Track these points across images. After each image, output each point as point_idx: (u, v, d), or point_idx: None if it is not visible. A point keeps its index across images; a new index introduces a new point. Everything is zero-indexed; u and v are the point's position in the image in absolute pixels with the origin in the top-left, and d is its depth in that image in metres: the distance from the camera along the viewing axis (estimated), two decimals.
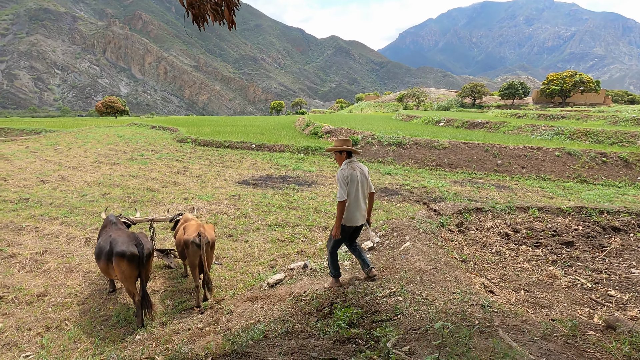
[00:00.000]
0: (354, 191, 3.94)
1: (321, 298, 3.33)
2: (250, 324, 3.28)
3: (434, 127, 28.99)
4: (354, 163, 4.08)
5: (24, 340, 4.44)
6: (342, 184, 3.93)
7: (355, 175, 3.96)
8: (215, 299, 5.31)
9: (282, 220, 9.23)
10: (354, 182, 3.94)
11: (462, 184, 14.31)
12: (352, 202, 3.95)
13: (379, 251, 4.57)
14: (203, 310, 4.87)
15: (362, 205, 4.02)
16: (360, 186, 3.99)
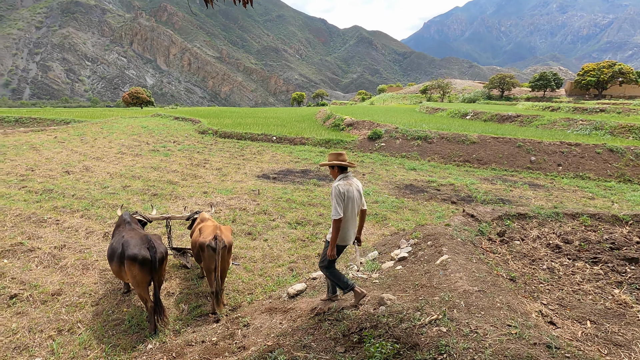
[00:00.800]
0: (350, 208, 3.72)
1: (348, 320, 2.92)
2: (267, 347, 2.92)
3: (460, 120, 27.82)
4: (349, 178, 3.84)
5: (35, 343, 4.28)
6: (338, 201, 3.67)
7: (351, 192, 3.73)
8: (232, 305, 5.01)
9: (303, 217, 8.86)
10: (350, 199, 3.71)
11: (492, 181, 13.52)
12: (348, 220, 3.74)
13: (411, 263, 4.10)
14: (219, 318, 4.58)
15: (355, 222, 3.83)
16: (355, 203, 3.78)
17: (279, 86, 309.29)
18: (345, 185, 3.72)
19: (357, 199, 3.79)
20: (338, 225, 3.65)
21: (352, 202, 3.73)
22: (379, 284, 3.76)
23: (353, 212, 3.76)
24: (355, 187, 3.79)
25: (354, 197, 3.73)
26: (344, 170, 3.87)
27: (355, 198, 3.75)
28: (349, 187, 3.72)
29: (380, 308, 3.01)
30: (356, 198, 3.78)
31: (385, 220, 8.91)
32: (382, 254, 4.80)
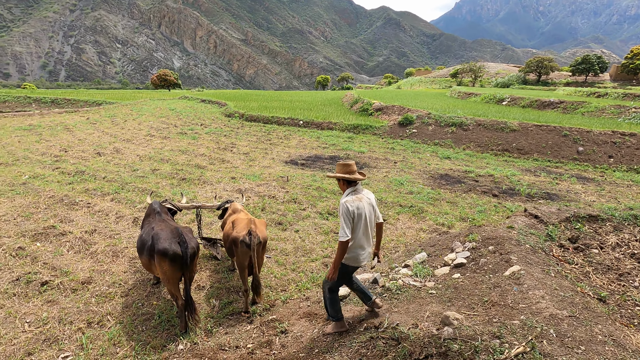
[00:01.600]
0: (361, 227, 3.29)
1: (408, 342, 2.49)
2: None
3: (495, 106, 26.28)
4: (359, 192, 3.40)
5: (65, 336, 4.13)
6: (346, 221, 3.24)
7: (361, 208, 3.29)
8: (265, 302, 4.69)
9: (334, 208, 8.44)
10: (361, 217, 3.26)
11: (535, 172, 12.57)
12: (358, 240, 3.30)
13: (472, 271, 3.60)
14: (252, 319, 4.27)
15: (369, 240, 3.37)
16: (368, 219, 3.33)
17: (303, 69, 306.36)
18: (354, 202, 3.29)
19: (369, 214, 3.36)
20: (344, 247, 3.25)
21: (364, 220, 3.29)
22: (436, 295, 3.30)
23: (366, 230, 3.33)
24: (366, 201, 3.37)
25: (365, 214, 3.30)
26: (352, 183, 3.43)
27: (367, 214, 3.32)
28: (359, 203, 3.29)
29: (446, 329, 2.56)
30: (368, 213, 3.35)
31: (422, 213, 8.36)
32: (432, 256, 4.32)
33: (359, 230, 3.28)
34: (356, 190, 3.40)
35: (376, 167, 12.59)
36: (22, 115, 21.39)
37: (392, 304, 3.26)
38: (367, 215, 3.33)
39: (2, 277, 5.22)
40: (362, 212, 3.27)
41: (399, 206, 8.75)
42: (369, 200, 3.40)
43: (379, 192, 9.80)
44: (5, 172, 10.57)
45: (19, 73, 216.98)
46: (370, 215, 3.37)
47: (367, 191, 3.52)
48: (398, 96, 32.36)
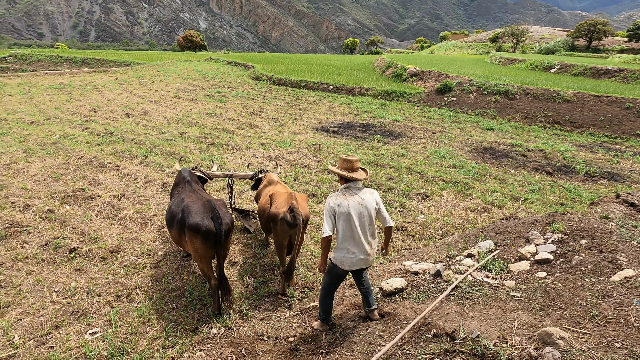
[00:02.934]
0: (345, 227, 3.02)
1: None
2: None
3: (543, 73, 24.05)
4: (351, 190, 3.10)
5: (93, 309, 3.89)
6: (325, 216, 3.06)
7: (345, 206, 3.00)
8: (302, 284, 4.28)
9: (371, 181, 7.83)
10: (343, 216, 3.00)
11: (591, 149, 11.35)
12: (343, 241, 3.05)
13: (563, 271, 2.96)
14: (290, 304, 3.87)
15: (360, 246, 3.04)
16: (357, 221, 3.00)
17: (330, 32, 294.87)
18: (338, 198, 3.05)
19: (359, 216, 3.01)
20: (325, 244, 3.09)
21: (350, 222, 2.99)
22: (521, 299, 2.71)
23: (353, 232, 3.00)
24: (357, 201, 3.03)
25: (352, 215, 2.98)
26: (348, 181, 3.13)
27: (356, 215, 2.99)
28: (342, 201, 3.02)
29: (549, 351, 2.00)
30: (357, 215, 3.00)
31: (467, 189, 7.63)
32: (500, 245, 3.71)
33: (344, 231, 3.02)
34: (348, 188, 3.11)
35: (413, 137, 11.73)
36: (53, 74, 21.46)
37: (464, 305, 2.71)
38: (356, 216, 3.00)
39: (31, 240, 5.05)
40: (346, 210, 2.99)
41: (441, 181, 8.04)
42: (361, 201, 3.05)
43: (419, 164, 9.07)
44: (37, 130, 10.51)
45: (52, 33, 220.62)
46: (361, 218, 3.02)
47: (368, 192, 3.16)
48: (433, 61, 30.29)
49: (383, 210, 3.15)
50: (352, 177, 3.08)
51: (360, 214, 3.01)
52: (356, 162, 3.13)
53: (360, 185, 3.15)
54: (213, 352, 3.09)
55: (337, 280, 3.21)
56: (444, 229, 5.82)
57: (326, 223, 3.03)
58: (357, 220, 3.00)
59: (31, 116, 12.05)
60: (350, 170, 3.12)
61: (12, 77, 19.54)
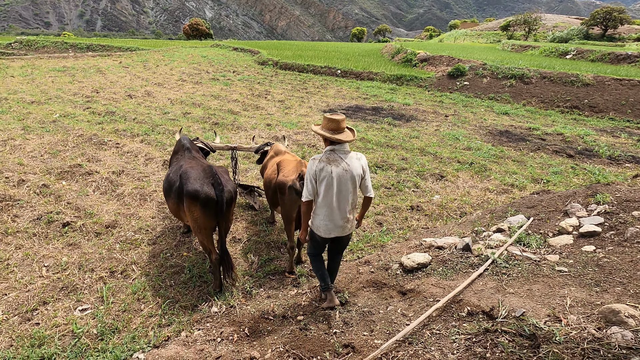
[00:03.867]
0: (326, 192, 2.80)
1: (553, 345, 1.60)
2: None
3: (558, 60, 23.21)
4: (336, 153, 2.81)
5: (84, 285, 3.58)
6: (306, 180, 2.87)
7: (328, 172, 2.76)
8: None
9: (383, 161, 7.43)
10: (323, 181, 2.78)
11: (613, 133, 10.79)
12: (322, 207, 2.86)
13: (616, 244, 2.58)
14: (299, 282, 3.53)
15: (342, 212, 2.85)
16: (338, 188, 2.79)
17: (337, 21, 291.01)
18: (320, 163, 2.79)
19: (342, 182, 2.78)
20: (306, 209, 2.91)
21: (328, 185, 2.77)
22: (570, 274, 2.33)
23: (334, 199, 2.79)
24: (342, 167, 2.76)
25: (333, 179, 2.76)
26: (333, 143, 2.81)
27: (338, 180, 2.76)
28: (325, 166, 2.77)
29: (615, 331, 1.64)
30: (341, 180, 2.77)
31: (485, 171, 7.20)
32: (535, 220, 3.32)
33: (323, 197, 2.80)
34: (333, 151, 2.82)
35: (424, 120, 11.26)
36: (57, 58, 21.18)
37: (501, 281, 2.34)
38: (338, 183, 2.77)
39: (23, 215, 4.76)
40: (328, 176, 2.75)
41: (457, 162, 7.61)
42: (346, 167, 2.77)
43: (432, 145, 8.63)
44: (37, 110, 10.22)
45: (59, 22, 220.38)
46: (344, 184, 2.78)
47: (355, 156, 2.86)
48: (443, 48, 29.47)
49: (367, 179, 2.90)
50: (337, 139, 2.75)
51: (343, 181, 2.77)
52: (342, 121, 2.79)
53: (347, 149, 2.85)
54: (213, 332, 2.76)
55: (318, 246, 3.01)
56: (462, 209, 5.42)
57: (306, 188, 2.85)
58: (339, 187, 2.78)
59: (32, 96, 11.76)
60: (336, 131, 2.78)
61: (15, 60, 19.28)
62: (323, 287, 2.99)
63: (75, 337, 2.95)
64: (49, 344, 2.87)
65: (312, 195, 2.85)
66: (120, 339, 2.93)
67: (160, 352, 2.60)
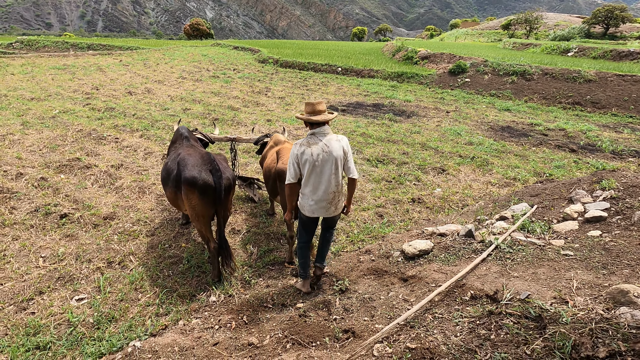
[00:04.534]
0: (309, 174, 2.93)
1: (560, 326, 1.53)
2: (407, 350, 1.64)
3: (560, 57, 23.12)
4: (316, 136, 2.93)
5: (82, 275, 3.53)
6: (289, 164, 3.00)
7: (308, 154, 2.89)
8: (312, 253, 3.87)
9: (384, 155, 7.38)
10: (306, 163, 2.90)
11: (615, 129, 10.72)
12: (305, 186, 3.00)
13: (623, 229, 2.51)
14: (298, 272, 3.47)
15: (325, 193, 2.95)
16: (319, 169, 2.91)
17: (337, 21, 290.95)
18: (302, 146, 2.92)
19: (323, 164, 2.90)
20: (289, 191, 3.03)
21: (311, 167, 2.89)
22: (576, 258, 2.27)
23: (315, 179, 2.92)
24: (321, 148, 2.87)
25: (315, 160, 2.88)
26: (313, 125, 2.94)
27: (319, 163, 2.88)
28: (306, 149, 2.89)
29: (624, 311, 1.58)
30: (322, 162, 2.89)
31: (487, 165, 7.14)
32: (539, 208, 3.26)
33: (306, 178, 2.95)
34: (314, 135, 2.93)
35: (426, 116, 11.20)
36: (57, 56, 21.18)
37: (505, 265, 2.28)
38: (320, 164, 2.89)
39: (20, 207, 4.71)
40: (309, 158, 2.88)
41: (458, 157, 7.56)
42: (325, 148, 2.88)
43: (433, 140, 8.57)
44: (37, 106, 10.19)
45: (60, 23, 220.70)
46: (324, 166, 2.90)
47: (335, 138, 2.96)
48: (444, 46, 29.39)
49: (350, 160, 2.98)
50: (315, 119, 2.86)
51: (324, 162, 2.88)
52: (319, 104, 2.91)
53: (327, 131, 2.95)
54: (211, 320, 2.72)
55: (304, 226, 3.13)
56: (464, 202, 5.37)
57: (289, 171, 2.97)
58: (321, 168, 2.89)
59: (32, 93, 11.74)
60: (313, 113, 2.90)
61: (15, 58, 19.29)
62: (301, 274, 3.12)
63: (71, 326, 2.90)
64: (45, 332, 2.83)
65: (294, 178, 2.94)
66: (116, 327, 2.88)
67: (157, 340, 2.55)
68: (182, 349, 2.37)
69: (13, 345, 2.69)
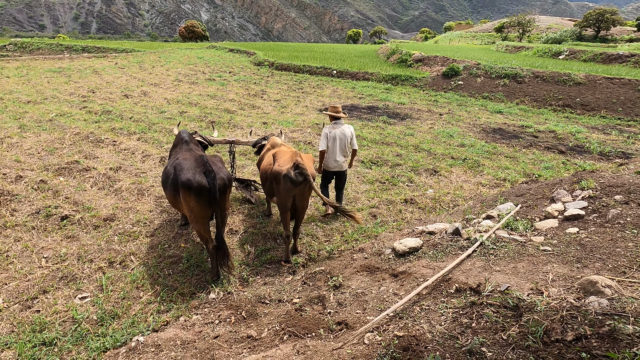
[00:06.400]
0: (332, 145, 4.87)
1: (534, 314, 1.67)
2: (395, 338, 1.78)
3: (551, 60, 23.50)
4: (338, 124, 4.93)
5: (84, 275, 3.64)
6: (322, 138, 4.90)
7: (333, 134, 4.88)
8: (308, 252, 4.01)
9: (378, 157, 7.54)
10: (332, 139, 4.87)
11: (604, 130, 10.98)
12: (330, 153, 4.92)
13: (598, 226, 2.67)
14: (294, 270, 3.61)
15: (338, 157, 4.93)
16: (339, 142, 4.88)
17: (333, 24, 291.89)
18: (329, 128, 4.92)
19: (341, 140, 4.87)
20: (320, 156, 4.93)
21: (334, 141, 4.84)
22: (553, 253, 2.43)
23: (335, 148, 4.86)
24: (340, 131, 4.89)
25: (337, 138, 4.85)
26: (336, 119, 4.93)
27: (339, 139, 4.86)
28: (332, 130, 4.88)
29: (594, 300, 1.72)
30: (340, 139, 4.87)
31: (478, 166, 7.32)
32: (523, 207, 3.42)
33: (330, 148, 4.85)
34: (336, 124, 4.92)
35: (419, 118, 11.39)
36: (52, 59, 21.16)
37: (489, 260, 2.43)
38: (339, 140, 4.85)
39: (21, 209, 4.80)
40: (333, 136, 4.84)
41: (450, 158, 7.74)
42: (342, 131, 4.90)
43: (426, 142, 8.75)
44: (33, 109, 10.24)
45: (53, 25, 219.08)
46: (342, 141, 4.88)
47: (347, 126, 5.03)
48: (438, 49, 29.70)
49: (354, 139, 5.02)
50: (337, 116, 4.89)
51: (341, 139, 4.85)
52: (340, 107, 4.99)
53: (342, 122, 4.98)
54: (211, 315, 2.84)
55: (326, 178, 5.12)
56: (455, 202, 5.54)
57: (322, 142, 4.84)
58: (338, 142, 4.84)
59: (28, 96, 11.77)
60: (336, 112, 4.94)
61: (10, 61, 19.25)
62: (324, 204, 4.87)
63: (76, 323, 3.01)
64: (50, 329, 2.93)
65: (325, 147, 4.79)
66: (119, 324, 3.00)
67: (160, 335, 2.67)
68: (184, 343, 2.49)
69: (20, 342, 2.80)
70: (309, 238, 4.38)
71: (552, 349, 1.57)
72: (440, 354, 1.70)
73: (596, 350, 1.49)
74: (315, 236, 4.41)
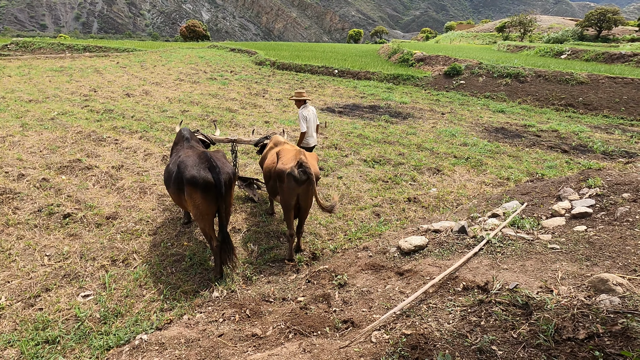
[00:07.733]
0: (308, 126, 5.44)
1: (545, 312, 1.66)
2: (402, 336, 1.76)
3: (553, 59, 23.43)
4: (307, 106, 5.54)
5: (87, 273, 3.62)
6: (302, 120, 5.42)
7: (308, 114, 5.46)
8: (311, 251, 3.99)
9: (380, 156, 7.51)
10: (308, 119, 5.45)
11: (607, 130, 10.94)
12: (308, 131, 5.50)
13: (606, 224, 2.65)
14: (298, 268, 3.59)
15: (313, 134, 5.66)
16: (313, 121, 5.57)
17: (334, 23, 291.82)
18: (304, 111, 5.46)
19: (314, 119, 5.61)
20: (300, 137, 5.47)
21: (310, 122, 5.49)
22: (562, 251, 2.40)
23: (311, 128, 5.52)
24: (312, 112, 5.57)
25: (311, 118, 5.51)
26: (304, 102, 5.53)
27: (312, 118, 5.54)
28: (307, 112, 5.45)
29: (605, 299, 1.70)
30: (313, 118, 5.57)
31: (481, 165, 7.30)
32: (529, 205, 3.40)
33: (308, 128, 5.42)
34: (305, 107, 5.50)
35: (421, 117, 11.36)
36: (54, 58, 21.18)
37: (496, 259, 2.41)
38: (313, 119, 5.54)
39: (24, 207, 4.79)
40: (309, 116, 5.44)
41: (453, 157, 7.71)
42: (312, 112, 5.58)
43: (429, 141, 8.72)
44: (35, 108, 10.24)
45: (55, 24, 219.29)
46: (314, 120, 5.59)
47: (311, 107, 5.62)
48: (439, 48, 29.65)
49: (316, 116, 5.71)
50: (304, 99, 5.51)
51: (314, 118, 5.57)
52: (303, 92, 5.57)
53: (309, 105, 5.59)
54: (215, 314, 2.82)
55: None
56: (459, 201, 5.51)
57: (302, 124, 5.37)
58: (312, 122, 5.51)
59: (30, 95, 11.77)
60: (301, 96, 5.51)
61: (12, 60, 19.27)
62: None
63: (79, 321, 2.99)
64: (53, 327, 2.92)
65: (304, 128, 5.36)
66: (123, 322, 2.98)
67: (164, 333, 2.65)
68: (188, 341, 2.47)
69: (23, 340, 2.78)
70: (313, 237, 4.35)
71: (564, 348, 1.54)
72: (450, 352, 1.67)
73: (610, 349, 1.47)
74: (319, 235, 4.39)
